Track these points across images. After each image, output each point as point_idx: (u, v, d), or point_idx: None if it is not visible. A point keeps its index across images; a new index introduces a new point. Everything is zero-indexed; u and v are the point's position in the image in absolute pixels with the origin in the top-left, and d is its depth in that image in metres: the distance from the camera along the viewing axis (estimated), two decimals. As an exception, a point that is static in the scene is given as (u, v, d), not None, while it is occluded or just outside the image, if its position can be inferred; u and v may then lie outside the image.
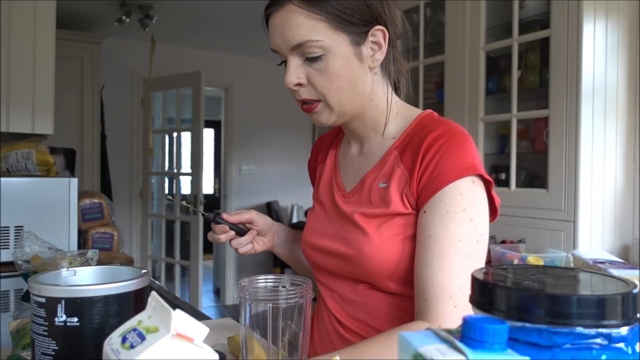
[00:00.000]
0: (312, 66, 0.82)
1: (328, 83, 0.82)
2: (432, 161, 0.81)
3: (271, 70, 5.40)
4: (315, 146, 1.11)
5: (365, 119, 0.91)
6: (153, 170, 4.71)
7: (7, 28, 2.18)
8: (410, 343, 0.37)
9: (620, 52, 2.11)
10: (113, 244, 2.39)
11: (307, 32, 0.79)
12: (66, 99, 3.68)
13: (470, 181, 0.80)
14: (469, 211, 0.79)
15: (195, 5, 3.76)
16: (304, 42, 0.80)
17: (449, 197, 0.79)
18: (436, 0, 2.63)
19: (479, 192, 0.81)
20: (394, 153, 0.88)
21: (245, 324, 0.71)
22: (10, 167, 2.11)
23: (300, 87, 0.84)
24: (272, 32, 0.84)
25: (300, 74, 0.82)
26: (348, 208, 0.89)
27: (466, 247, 0.78)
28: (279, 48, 0.83)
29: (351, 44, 0.82)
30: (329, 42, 0.80)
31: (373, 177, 0.89)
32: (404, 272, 0.83)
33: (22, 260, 1.11)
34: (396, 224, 0.83)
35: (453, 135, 0.82)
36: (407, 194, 0.83)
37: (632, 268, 1.37)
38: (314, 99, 0.84)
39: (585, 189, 1.99)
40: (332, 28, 0.80)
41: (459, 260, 0.77)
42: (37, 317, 0.63)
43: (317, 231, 0.95)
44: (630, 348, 0.37)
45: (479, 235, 0.79)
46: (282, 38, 0.81)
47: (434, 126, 0.85)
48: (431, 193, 0.80)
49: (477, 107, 2.35)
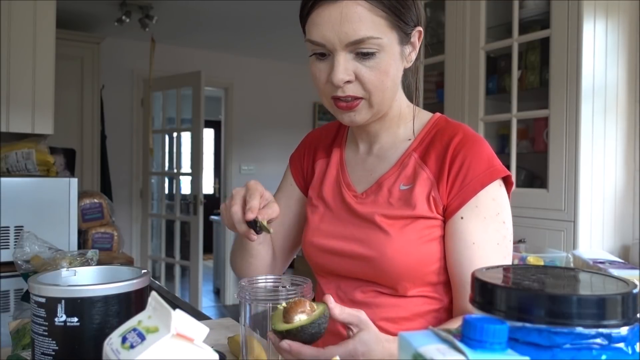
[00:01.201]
0: (363, 63, 0.79)
1: (377, 81, 0.80)
2: (463, 166, 0.83)
3: (271, 70, 5.41)
4: (308, 140, 1.06)
5: (384, 120, 0.90)
6: (153, 170, 4.71)
7: (7, 28, 2.18)
8: (410, 343, 0.37)
9: (620, 52, 2.11)
10: (113, 244, 2.39)
11: (368, 28, 0.76)
12: (66, 99, 3.68)
13: (498, 184, 0.84)
14: (502, 214, 0.83)
15: (195, 5, 3.76)
16: (365, 39, 0.76)
17: (484, 202, 0.82)
18: (436, 0, 2.63)
19: (505, 194, 0.85)
20: (413, 155, 0.88)
21: (245, 324, 0.71)
22: (10, 167, 2.11)
23: (347, 83, 0.80)
24: (322, 24, 0.78)
25: (350, 70, 0.79)
26: (364, 209, 0.88)
27: (503, 249, 0.83)
28: (329, 42, 0.78)
29: (399, 43, 0.82)
30: (385, 40, 0.78)
31: (392, 179, 0.88)
32: (419, 275, 0.84)
33: (22, 260, 1.11)
34: (419, 227, 0.83)
35: (476, 139, 0.85)
36: (435, 197, 0.84)
37: (632, 268, 1.37)
38: (359, 97, 0.81)
39: (585, 189, 1.99)
40: (388, 26, 0.79)
41: (499, 261, 0.81)
42: (37, 317, 0.63)
43: (324, 232, 0.93)
44: (630, 348, 0.37)
45: (510, 235, 0.85)
46: (338, 32, 0.76)
47: (453, 130, 0.87)
48: (466, 199, 0.82)
49: (477, 107, 2.35)
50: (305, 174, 1.04)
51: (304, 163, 1.04)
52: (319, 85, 0.84)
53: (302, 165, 1.04)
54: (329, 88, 0.82)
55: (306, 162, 1.04)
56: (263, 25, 4.20)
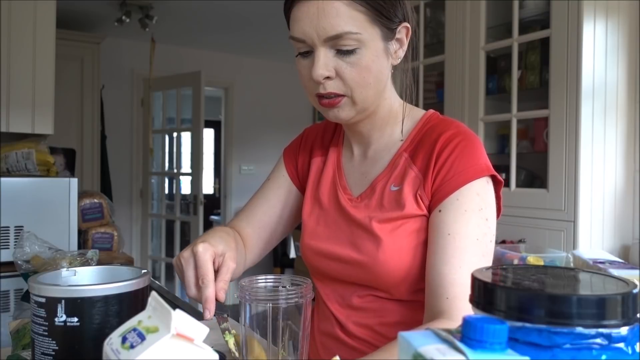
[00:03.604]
0: (343, 59, 0.78)
1: (359, 77, 0.79)
2: (448, 161, 0.81)
3: (271, 70, 5.41)
4: (305, 136, 1.04)
5: (374, 119, 0.89)
6: (153, 170, 4.71)
7: (7, 28, 2.18)
8: (410, 343, 0.37)
9: (620, 52, 2.11)
10: (113, 244, 2.39)
11: (346, 23, 0.76)
12: (66, 99, 3.68)
13: (485, 181, 0.81)
14: (485, 211, 0.80)
15: (195, 5, 3.76)
16: (342, 34, 0.76)
17: (467, 196, 0.79)
18: (436, 0, 2.63)
19: (491, 192, 0.82)
20: (404, 155, 0.87)
21: (245, 324, 0.71)
22: (10, 167, 2.11)
23: (328, 80, 0.79)
24: (302, 20, 0.78)
25: (330, 66, 0.78)
26: (359, 214, 0.87)
27: (483, 247, 0.79)
28: (308, 37, 0.78)
29: (382, 39, 0.80)
30: (365, 36, 0.77)
31: (384, 182, 0.87)
32: (415, 278, 0.82)
33: (22, 260, 1.11)
34: (410, 229, 0.82)
35: (466, 136, 0.83)
36: (421, 195, 0.82)
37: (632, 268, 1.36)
38: (340, 94, 0.80)
39: (585, 189, 1.99)
40: (369, 21, 0.77)
41: (477, 259, 0.77)
42: (37, 317, 0.63)
43: (320, 235, 0.91)
44: (630, 348, 0.37)
45: (492, 235, 0.81)
46: (316, 27, 0.76)
47: (444, 127, 0.85)
48: (447, 192, 0.80)
49: (477, 107, 2.35)
50: (299, 168, 1.02)
51: (299, 158, 1.03)
52: (304, 83, 0.83)
53: (297, 159, 1.03)
54: (312, 85, 0.81)
55: (302, 158, 1.02)
56: (263, 25, 4.20)
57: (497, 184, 0.84)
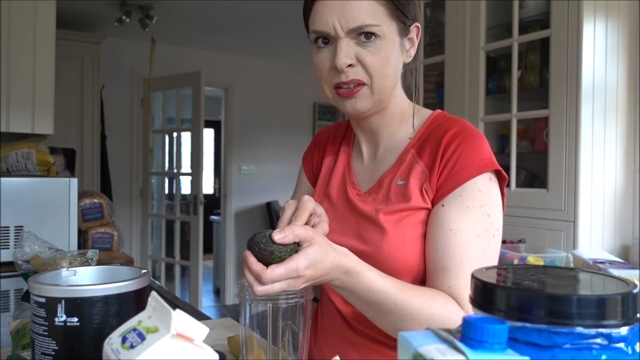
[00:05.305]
0: (365, 47, 0.82)
1: (379, 65, 0.82)
2: (453, 157, 0.83)
3: (271, 70, 5.41)
4: (318, 138, 1.09)
5: (384, 115, 0.91)
6: (153, 170, 4.71)
7: (7, 28, 2.18)
8: (410, 343, 0.37)
9: (620, 52, 2.11)
10: (113, 244, 2.39)
11: (368, 15, 0.80)
12: (66, 99, 3.68)
13: (488, 178, 0.83)
14: (487, 207, 0.82)
15: (195, 5, 3.76)
16: (365, 26, 0.80)
17: (469, 193, 0.81)
18: (436, 0, 2.63)
19: (495, 188, 0.84)
20: (411, 151, 0.89)
21: (245, 324, 0.71)
22: (10, 167, 2.11)
23: (350, 68, 0.82)
24: (325, 12, 0.82)
25: (352, 54, 0.82)
26: (365, 207, 0.89)
27: (484, 242, 0.81)
28: (332, 28, 0.81)
29: (399, 34, 0.84)
30: (385, 29, 0.82)
31: (391, 177, 0.89)
32: (420, 269, 0.84)
33: (22, 260, 1.11)
34: (415, 221, 0.84)
35: (471, 132, 0.86)
36: (426, 189, 0.84)
37: (632, 268, 1.36)
38: (362, 81, 0.83)
39: (585, 189, 1.99)
40: (388, 14, 0.82)
41: (478, 254, 0.80)
42: (37, 317, 0.63)
43: (329, 228, 0.94)
44: (630, 348, 0.37)
45: (495, 231, 0.83)
46: (339, 18, 0.80)
47: (450, 124, 0.88)
48: (451, 188, 0.82)
49: (477, 107, 2.35)
50: (315, 170, 1.06)
51: (314, 159, 1.07)
52: (321, 75, 0.86)
53: (313, 161, 1.07)
54: (332, 75, 0.84)
55: (316, 159, 1.07)
56: (263, 25, 4.20)
57: (501, 180, 0.86)
